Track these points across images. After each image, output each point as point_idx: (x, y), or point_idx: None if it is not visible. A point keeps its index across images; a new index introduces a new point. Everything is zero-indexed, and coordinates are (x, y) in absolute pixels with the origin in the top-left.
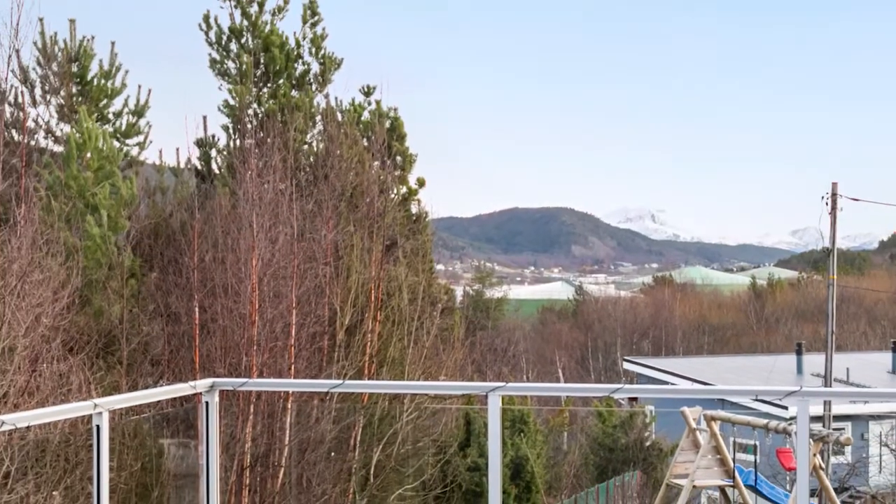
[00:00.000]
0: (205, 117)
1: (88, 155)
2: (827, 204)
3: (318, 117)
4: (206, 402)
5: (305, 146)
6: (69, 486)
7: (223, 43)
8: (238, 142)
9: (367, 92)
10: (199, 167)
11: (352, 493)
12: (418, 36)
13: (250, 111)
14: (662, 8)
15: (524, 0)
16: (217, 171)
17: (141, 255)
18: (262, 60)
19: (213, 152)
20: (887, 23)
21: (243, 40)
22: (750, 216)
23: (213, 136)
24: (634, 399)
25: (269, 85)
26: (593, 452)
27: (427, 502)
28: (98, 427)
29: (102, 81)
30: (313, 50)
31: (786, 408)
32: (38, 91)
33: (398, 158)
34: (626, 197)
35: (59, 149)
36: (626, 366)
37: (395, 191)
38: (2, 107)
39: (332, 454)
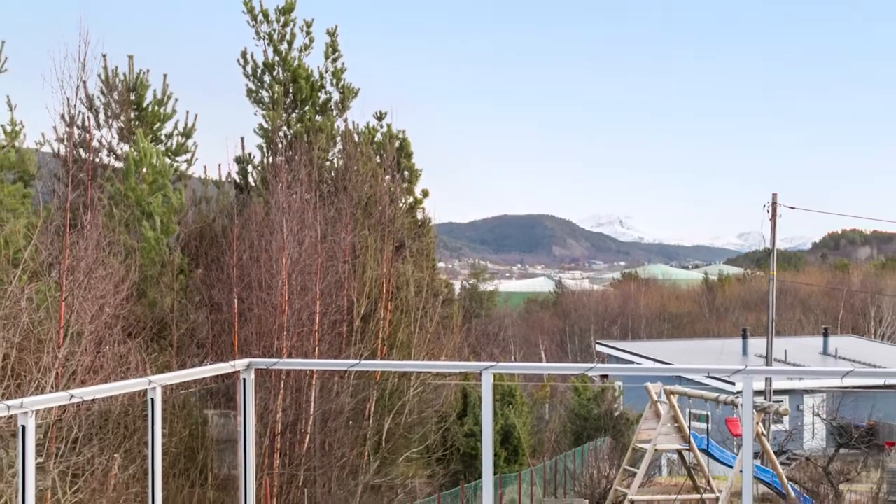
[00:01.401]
0: (242, 138)
1: (144, 170)
2: (768, 211)
3: (338, 138)
4: (244, 379)
5: (327, 163)
6: (128, 450)
7: (258, 75)
8: (270, 159)
9: (380, 117)
10: (238, 180)
11: (366, 455)
12: (424, 68)
13: (281, 133)
14: (631, 40)
15: (510, 36)
16: (253, 184)
17: (188, 254)
18: (290, 90)
19: (250, 168)
20: (820, 62)
21: (275, 73)
22: (703, 221)
23: (250, 154)
24: (605, 376)
25: (296, 111)
26: (570, 421)
27: (430, 463)
28: (152, 400)
29: (156, 108)
30: (334, 81)
31: (733, 383)
32: (101, 116)
33: (406, 173)
34: (599, 205)
35: (119, 165)
36: (599, 348)
37: (403, 200)
38: (71, 129)
39: (350, 423)
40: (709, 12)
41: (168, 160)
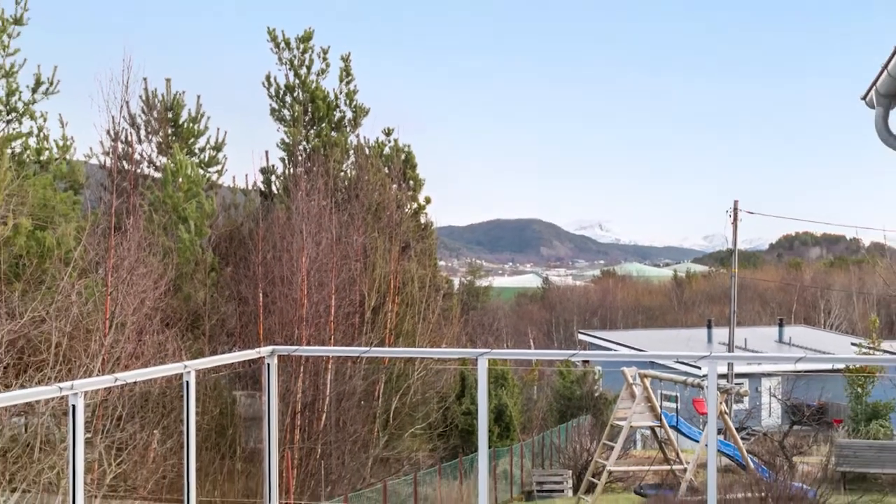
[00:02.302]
0: (266, 152)
1: (180, 180)
2: (730, 216)
3: (351, 152)
4: (268, 364)
5: (341, 173)
6: (165, 427)
7: (280, 96)
8: (291, 170)
9: (388, 133)
10: (263, 189)
11: (376, 431)
12: (427, 91)
13: (300, 147)
14: (608, 67)
15: (502, 63)
16: (276, 192)
17: (219, 254)
18: (309, 109)
19: (273, 178)
20: (773, 84)
21: (295, 94)
22: (673, 225)
23: (273, 166)
24: (587, 361)
25: (314, 128)
26: (556, 401)
27: (432, 438)
28: (187, 382)
29: (190, 125)
30: (347, 101)
31: (699, 368)
32: (142, 132)
33: (410, 182)
34: (581, 210)
35: (158, 175)
36: (581, 336)
37: (409, 206)
38: (116, 144)
39: (362, 402)
40: (674, 37)
41: (201, 171)
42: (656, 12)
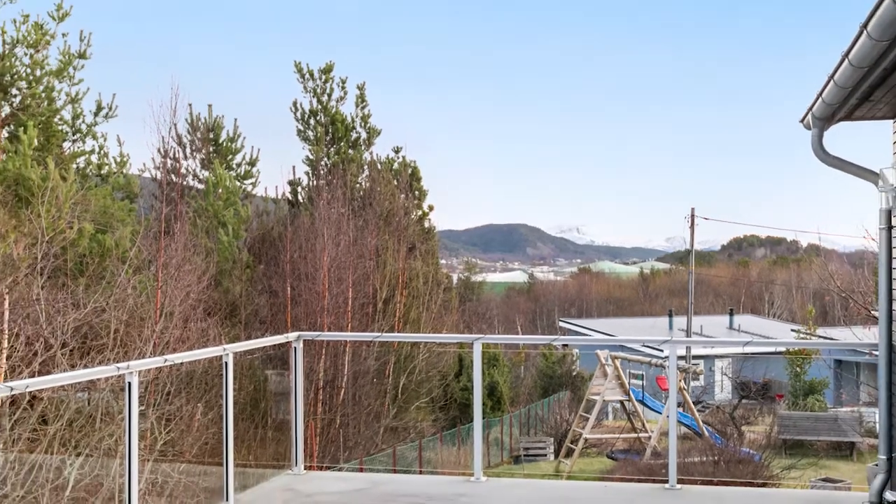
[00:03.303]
0: (293, 167)
1: (220, 190)
2: (688, 220)
3: (365, 167)
4: (295, 347)
5: (357, 185)
6: (208, 401)
7: (305, 119)
8: (314, 182)
9: (397, 150)
10: (290, 198)
11: (387, 405)
12: (429, 114)
13: (322, 163)
14: (587, 84)
15: (493, 87)
16: (301, 201)
17: (253, 254)
18: (330, 131)
19: (299, 189)
20: (728, 104)
21: (318, 117)
22: (639, 228)
23: (299, 179)
24: (566, 345)
25: (334, 146)
26: (540, 379)
27: (434, 411)
28: (226, 363)
29: (229, 143)
30: (362, 124)
31: (662, 350)
32: (188, 150)
33: (416, 192)
34: (561, 216)
35: (201, 186)
36: (561, 324)
37: (414, 213)
38: (165, 160)
39: (374, 380)
40: (644, 66)
41: (238, 183)
42: (630, 42)
